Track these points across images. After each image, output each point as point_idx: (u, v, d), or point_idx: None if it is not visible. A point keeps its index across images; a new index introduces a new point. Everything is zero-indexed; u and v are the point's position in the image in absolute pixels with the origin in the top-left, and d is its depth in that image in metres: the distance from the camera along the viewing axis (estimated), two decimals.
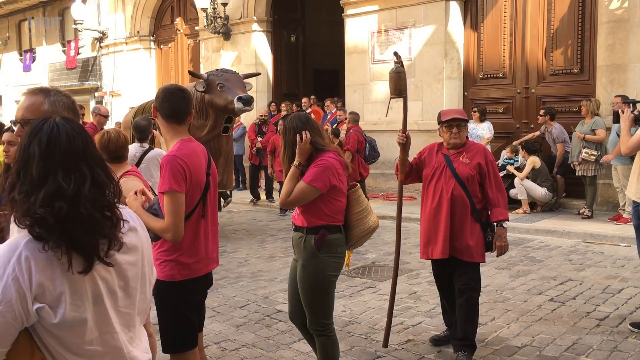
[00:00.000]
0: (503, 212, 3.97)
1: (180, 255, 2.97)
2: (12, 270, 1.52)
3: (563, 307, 5.18)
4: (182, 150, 2.94)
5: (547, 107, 9.49)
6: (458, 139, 4.06)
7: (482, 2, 10.76)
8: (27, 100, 2.29)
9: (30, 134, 1.62)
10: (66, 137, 1.61)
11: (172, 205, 2.85)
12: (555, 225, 8.34)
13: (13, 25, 21.75)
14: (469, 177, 3.96)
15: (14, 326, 1.53)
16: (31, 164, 1.58)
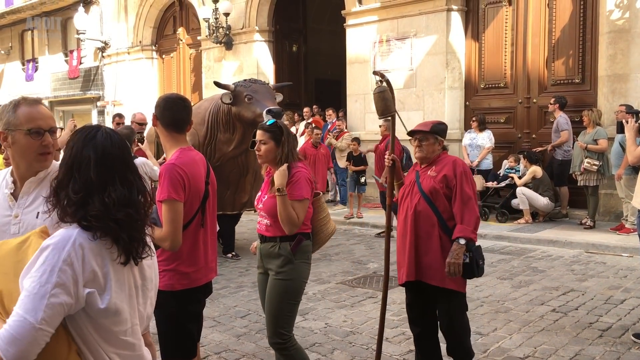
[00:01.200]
0: (464, 229, 3.49)
1: (180, 265, 2.97)
2: (67, 256, 1.64)
3: (565, 317, 5.15)
4: (181, 159, 2.95)
5: (558, 96, 9.44)
6: (421, 153, 3.76)
7: (484, 12, 10.80)
8: (45, 110, 2.32)
9: (84, 139, 1.79)
10: (118, 147, 1.81)
11: (171, 214, 2.85)
12: (557, 235, 8.31)
13: (16, 35, 21.84)
14: (432, 191, 3.61)
15: (64, 309, 1.64)
16: (87, 167, 1.75)
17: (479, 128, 10.10)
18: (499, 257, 7.55)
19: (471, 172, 3.86)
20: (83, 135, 1.80)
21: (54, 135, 2.29)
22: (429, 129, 3.78)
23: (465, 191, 3.55)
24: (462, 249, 3.46)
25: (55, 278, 1.61)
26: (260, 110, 6.94)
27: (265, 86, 7.45)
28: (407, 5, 11.22)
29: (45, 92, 19.76)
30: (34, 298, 1.60)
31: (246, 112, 7.09)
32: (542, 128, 10.17)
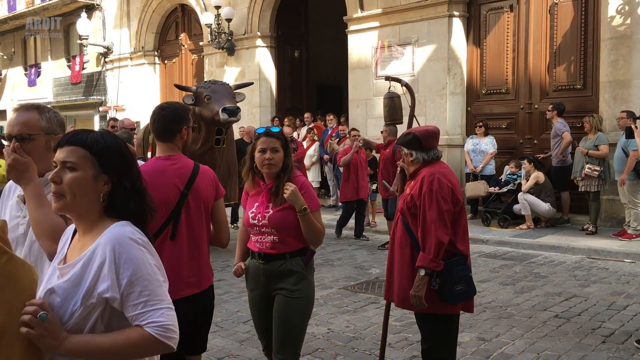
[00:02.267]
0: (423, 258, 3.23)
1: None
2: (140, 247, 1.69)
3: (568, 323, 5.14)
4: (143, 167, 2.75)
5: (556, 103, 9.45)
6: (404, 165, 3.58)
7: (485, 18, 10.82)
8: (21, 116, 2.33)
9: (120, 140, 1.84)
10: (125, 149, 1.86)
11: None
12: (559, 241, 8.31)
13: (18, 41, 21.91)
14: (402, 211, 3.44)
15: None
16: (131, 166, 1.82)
17: (485, 133, 10.14)
18: (501, 262, 7.55)
19: (448, 186, 3.32)
20: (114, 137, 1.86)
21: (24, 142, 2.28)
22: (404, 138, 3.51)
23: (426, 215, 3.25)
24: (422, 280, 3.23)
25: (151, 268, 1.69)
26: (217, 108, 7.40)
27: (224, 86, 7.86)
28: (409, 11, 11.25)
29: (47, 98, 19.80)
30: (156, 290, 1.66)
31: (205, 112, 7.52)
32: (544, 134, 10.18)
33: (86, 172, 1.72)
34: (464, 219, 3.39)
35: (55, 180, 1.71)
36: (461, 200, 3.38)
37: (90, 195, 1.73)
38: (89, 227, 1.75)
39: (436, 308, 3.32)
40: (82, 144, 1.73)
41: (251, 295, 3.36)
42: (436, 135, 3.49)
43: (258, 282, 3.27)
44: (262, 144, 3.14)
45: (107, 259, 1.64)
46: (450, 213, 3.28)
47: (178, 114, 3.08)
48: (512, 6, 10.49)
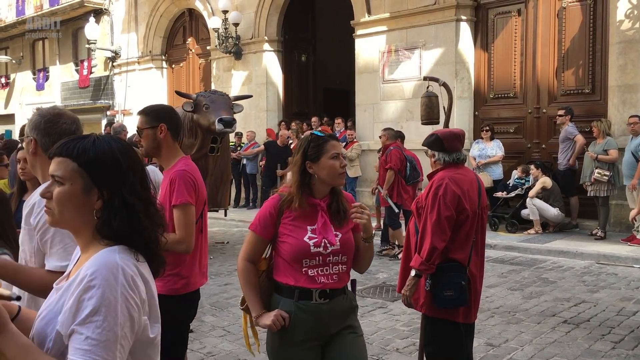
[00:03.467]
0: (416, 259, 3.26)
1: (182, 269, 3.03)
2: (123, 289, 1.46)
3: (577, 329, 5.11)
4: (189, 167, 3.06)
5: (567, 107, 9.40)
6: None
7: (493, 22, 10.80)
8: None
9: (118, 146, 1.63)
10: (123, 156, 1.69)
11: (188, 217, 2.93)
12: (568, 246, 8.26)
13: (27, 45, 22.04)
14: (413, 212, 3.49)
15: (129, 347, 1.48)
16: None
17: (491, 138, 10.11)
18: (509, 267, 7.51)
19: (454, 192, 3.25)
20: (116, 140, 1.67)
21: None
22: (425, 142, 3.53)
23: (427, 218, 3.27)
24: (412, 281, 3.27)
25: (121, 316, 1.43)
26: (214, 118, 7.61)
27: (223, 97, 8.08)
28: (416, 15, 11.25)
29: (55, 102, 19.89)
30: (106, 345, 1.40)
31: (203, 120, 7.71)
32: (552, 138, 10.13)
33: (74, 186, 1.53)
34: (468, 227, 3.31)
35: (46, 195, 1.57)
36: (468, 209, 3.28)
37: (82, 211, 1.54)
38: (85, 246, 1.59)
39: (434, 312, 3.30)
40: (70, 154, 1.54)
41: (300, 351, 2.51)
42: (460, 137, 3.44)
43: (316, 330, 2.51)
44: (334, 148, 2.53)
45: (78, 289, 1.44)
46: (452, 220, 3.24)
47: (152, 114, 3.14)
48: (520, 10, 10.46)
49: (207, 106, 7.71)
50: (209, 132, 7.76)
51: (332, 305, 2.51)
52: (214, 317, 5.67)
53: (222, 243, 9.62)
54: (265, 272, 2.65)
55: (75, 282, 1.47)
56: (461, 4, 10.74)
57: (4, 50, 23.12)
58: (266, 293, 2.59)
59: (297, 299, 2.48)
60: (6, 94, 23.37)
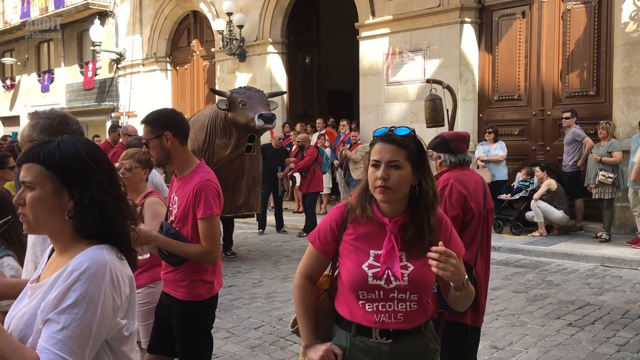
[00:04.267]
0: None
1: (205, 274, 3.02)
2: (107, 286, 1.50)
3: (582, 332, 5.09)
4: (211, 174, 3.02)
5: (571, 109, 9.38)
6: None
7: (497, 24, 10.80)
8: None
9: (84, 147, 1.66)
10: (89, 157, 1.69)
11: (214, 229, 2.92)
12: (572, 249, 8.24)
13: (32, 47, 22.13)
14: None
15: (102, 344, 1.52)
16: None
17: (494, 139, 10.08)
18: (513, 270, 7.49)
19: (460, 192, 3.22)
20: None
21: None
22: (431, 144, 3.51)
23: None
24: None
25: (100, 314, 1.47)
26: (252, 115, 7.32)
27: (259, 93, 7.79)
28: (421, 17, 11.25)
29: (60, 104, 19.96)
30: (79, 339, 1.44)
31: (240, 117, 7.43)
32: (557, 140, 10.12)
33: (44, 190, 1.55)
34: (474, 228, 3.29)
35: (19, 202, 1.59)
36: (474, 209, 3.29)
37: (55, 213, 1.57)
38: (64, 247, 1.61)
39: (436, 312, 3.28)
40: (36, 159, 1.57)
41: None
42: (465, 139, 3.45)
43: None
44: (376, 153, 2.02)
45: (66, 282, 1.47)
46: (458, 220, 3.21)
47: (155, 123, 3.06)
48: (525, 12, 10.46)
49: (243, 103, 7.43)
50: (246, 130, 7.47)
51: (398, 346, 2.03)
52: (218, 318, 5.64)
53: None
54: (327, 292, 2.22)
55: (62, 276, 1.50)
56: (465, 6, 10.74)
57: (10, 52, 23.23)
58: (326, 317, 2.16)
59: (354, 334, 2.05)
60: (11, 95, 23.46)
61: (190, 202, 2.92)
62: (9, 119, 23.69)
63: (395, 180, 1.98)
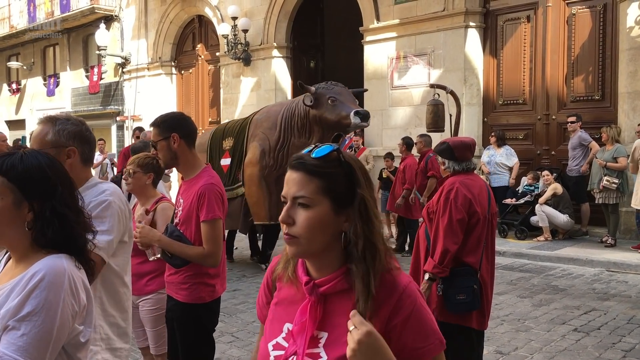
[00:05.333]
0: (429, 262, 3.31)
1: (207, 277, 3.02)
2: (65, 293, 1.53)
3: (588, 337, 5.07)
4: (215, 178, 3.03)
5: (575, 113, 9.34)
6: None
7: (502, 28, 10.79)
8: (35, 130, 2.35)
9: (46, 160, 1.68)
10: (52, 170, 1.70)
11: (216, 232, 2.92)
12: (577, 253, 8.21)
13: (38, 51, 22.23)
14: (424, 217, 3.56)
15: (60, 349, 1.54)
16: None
17: (497, 144, 10.04)
18: (518, 274, 7.47)
19: (465, 196, 3.31)
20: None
21: None
22: (438, 147, 3.64)
23: (440, 221, 3.31)
24: (426, 284, 3.29)
25: (59, 320, 1.50)
26: (345, 112, 6.78)
27: (346, 89, 7.24)
28: (425, 22, 11.26)
29: (66, 107, 20.03)
30: (39, 345, 1.47)
31: (330, 115, 6.89)
32: (562, 145, 10.09)
33: (4, 201, 1.57)
34: (479, 231, 3.33)
35: None
36: (479, 213, 3.33)
37: (14, 224, 1.59)
38: (22, 257, 1.63)
39: (447, 317, 3.27)
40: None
41: None
42: (470, 147, 3.50)
43: None
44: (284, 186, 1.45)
45: (24, 290, 1.50)
46: (463, 223, 3.28)
47: (163, 125, 3.07)
48: (530, 17, 10.45)
49: (333, 99, 6.89)
50: (337, 128, 6.78)
51: None
52: (222, 322, 5.66)
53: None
54: None
55: (20, 283, 1.52)
56: (470, 11, 10.74)
57: (16, 56, 23.34)
58: None
59: None
60: (17, 99, 23.56)
61: (194, 204, 2.95)
62: (15, 123, 23.79)
63: (302, 226, 1.36)
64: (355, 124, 6.81)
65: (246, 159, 7.78)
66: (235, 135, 8.03)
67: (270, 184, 7.53)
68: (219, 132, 8.42)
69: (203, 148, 8.22)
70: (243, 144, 7.91)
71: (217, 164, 8.05)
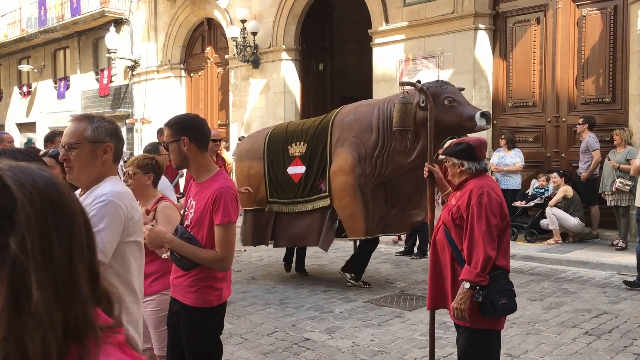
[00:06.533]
0: (469, 271, 3.18)
1: (215, 281, 3.00)
2: None
3: (598, 340, 5.03)
4: (230, 182, 3.03)
5: (587, 116, 9.27)
6: (450, 176, 3.56)
7: (512, 30, 10.76)
8: (72, 126, 2.42)
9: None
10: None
11: (230, 236, 2.91)
12: (588, 257, 8.16)
13: (49, 54, 22.39)
14: (447, 221, 3.39)
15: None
16: None
17: (508, 146, 10.00)
18: (528, 278, 7.43)
19: (497, 200, 3.27)
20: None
21: (70, 151, 2.40)
22: (442, 150, 3.54)
23: (474, 228, 3.20)
24: (466, 293, 3.19)
25: None
26: (468, 113, 6.13)
27: (458, 88, 6.60)
28: (434, 24, 11.24)
29: (76, 110, 20.15)
30: None
31: (448, 116, 6.12)
32: (572, 147, 10.04)
33: None
34: (508, 234, 3.35)
35: None
36: (508, 216, 3.35)
37: None
38: None
39: (481, 323, 3.25)
40: None
41: None
42: (486, 145, 3.47)
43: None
44: None
45: None
46: (499, 228, 3.26)
47: (174, 127, 3.07)
48: (539, 19, 10.41)
49: (450, 99, 6.18)
50: (457, 130, 6.08)
51: None
52: (231, 324, 5.67)
53: (238, 251, 9.63)
54: None
55: None
56: (480, 13, 10.71)
57: (26, 59, 23.52)
58: None
59: None
60: (28, 102, 23.73)
61: (208, 207, 2.92)
62: (26, 125, 23.96)
63: None
64: (481, 127, 6.17)
65: (334, 166, 6.86)
66: (310, 139, 7.10)
67: (367, 194, 6.74)
68: (279, 137, 7.43)
69: (257, 155, 7.50)
70: (325, 149, 6.97)
71: (280, 172, 7.28)
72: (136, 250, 2.43)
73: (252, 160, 7.56)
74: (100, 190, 2.34)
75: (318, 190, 7.01)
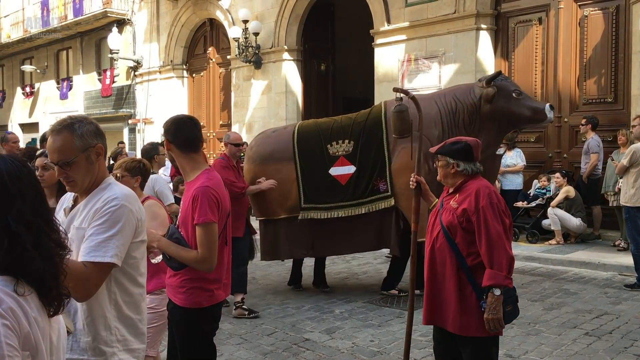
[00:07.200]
0: (496, 275, 2.99)
1: (205, 282, 3.00)
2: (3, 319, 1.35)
3: (599, 341, 5.02)
4: (212, 181, 3.00)
5: (590, 116, 9.24)
6: (440, 177, 3.35)
7: (513, 31, 10.74)
8: (56, 141, 2.26)
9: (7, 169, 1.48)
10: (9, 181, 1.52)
11: (209, 236, 2.89)
12: (589, 257, 8.14)
13: (51, 55, 22.44)
14: (450, 226, 3.17)
15: None
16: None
17: (508, 147, 9.97)
18: (529, 278, 7.41)
19: (503, 201, 3.20)
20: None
21: (66, 167, 2.26)
22: (435, 149, 3.35)
23: (492, 228, 3.03)
24: (498, 300, 3.00)
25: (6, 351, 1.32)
26: (538, 105, 6.22)
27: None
28: (436, 24, 11.23)
29: (78, 110, 20.20)
30: None
31: (519, 109, 6.07)
32: (574, 148, 10.02)
33: None
34: (511, 236, 3.26)
35: None
36: (511, 217, 3.30)
37: None
38: None
39: (484, 331, 3.10)
40: None
41: None
42: (481, 146, 3.41)
43: None
44: None
45: None
46: (512, 227, 3.20)
47: (164, 129, 3.14)
48: (541, 19, 10.39)
49: (518, 92, 6.14)
50: (529, 122, 6.25)
51: None
52: (231, 324, 5.68)
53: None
54: None
55: None
56: (481, 13, 10.70)
57: (29, 60, 23.58)
58: None
59: None
60: (31, 103, 23.79)
61: (189, 207, 2.94)
62: (28, 126, 24.02)
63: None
64: (550, 119, 6.25)
65: (397, 163, 6.27)
66: (358, 136, 6.50)
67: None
68: (313, 136, 6.77)
69: (285, 156, 6.70)
70: (382, 146, 6.41)
71: (319, 174, 6.59)
72: (143, 249, 2.44)
73: (279, 162, 6.66)
74: (109, 193, 2.28)
75: (376, 190, 6.39)
